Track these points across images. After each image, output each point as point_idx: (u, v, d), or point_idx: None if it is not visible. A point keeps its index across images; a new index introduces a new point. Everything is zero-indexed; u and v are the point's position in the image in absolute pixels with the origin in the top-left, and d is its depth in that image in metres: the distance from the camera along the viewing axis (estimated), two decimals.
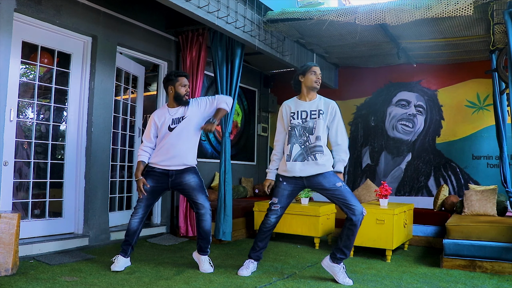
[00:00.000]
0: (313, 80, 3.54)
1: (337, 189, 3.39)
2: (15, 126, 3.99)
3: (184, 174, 3.66)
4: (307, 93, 3.59)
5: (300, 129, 3.53)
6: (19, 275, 3.29)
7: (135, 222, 3.65)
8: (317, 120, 3.50)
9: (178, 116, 3.67)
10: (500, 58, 4.52)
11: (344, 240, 3.41)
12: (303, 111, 3.54)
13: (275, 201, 3.56)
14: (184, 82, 3.69)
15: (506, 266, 3.80)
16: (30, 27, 4.08)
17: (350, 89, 7.12)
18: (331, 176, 3.47)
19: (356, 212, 3.32)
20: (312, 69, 3.56)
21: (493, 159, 5.98)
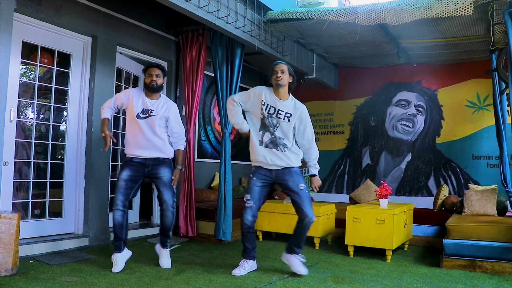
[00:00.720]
0: (274, 78, 3.62)
1: (298, 191, 3.60)
2: (15, 126, 3.99)
3: (160, 167, 3.78)
4: (276, 90, 3.65)
5: (269, 121, 3.62)
6: (19, 275, 3.29)
7: (118, 215, 3.67)
8: (282, 121, 3.61)
9: (149, 108, 3.75)
10: (500, 58, 4.52)
11: (293, 239, 3.66)
12: (272, 107, 3.62)
13: (248, 197, 3.65)
14: (150, 72, 3.77)
15: (506, 266, 3.80)
16: (30, 27, 4.08)
17: (350, 89, 7.12)
18: (297, 176, 3.65)
19: (306, 218, 3.55)
20: (274, 68, 3.65)
21: (493, 159, 5.98)
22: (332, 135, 7.26)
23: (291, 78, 3.67)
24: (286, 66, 3.65)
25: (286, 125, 3.60)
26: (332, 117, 7.29)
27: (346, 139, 7.15)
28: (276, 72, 3.61)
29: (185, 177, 5.11)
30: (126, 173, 3.70)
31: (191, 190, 5.09)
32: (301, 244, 3.67)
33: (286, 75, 3.62)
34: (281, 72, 3.60)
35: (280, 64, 3.65)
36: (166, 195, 3.79)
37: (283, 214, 4.98)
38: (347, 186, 7.05)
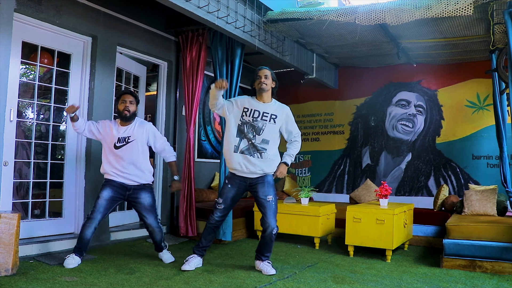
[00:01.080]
0: (257, 83, 3.68)
1: (266, 202, 3.64)
2: (15, 126, 3.99)
3: (140, 191, 3.86)
4: (259, 95, 3.71)
5: (249, 126, 3.63)
6: (19, 275, 3.29)
7: (89, 231, 3.71)
8: (267, 123, 3.64)
9: (124, 136, 3.82)
10: (500, 58, 4.52)
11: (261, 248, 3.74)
12: (256, 111, 3.65)
13: (220, 201, 3.71)
14: (124, 99, 3.83)
15: (506, 266, 3.80)
16: (30, 27, 4.08)
17: (350, 89, 7.12)
18: (268, 187, 3.67)
19: (268, 229, 3.63)
20: (257, 73, 3.71)
21: (493, 159, 5.98)
22: (332, 135, 7.26)
23: (274, 83, 3.75)
24: (270, 72, 3.72)
25: (272, 127, 3.65)
26: (332, 117, 7.29)
27: (346, 139, 7.15)
28: (259, 77, 3.68)
29: (185, 177, 5.11)
30: (108, 193, 3.76)
31: (191, 190, 5.09)
32: (268, 251, 3.75)
33: (269, 80, 3.69)
34: (265, 77, 3.67)
35: (263, 70, 3.71)
36: (150, 219, 3.89)
37: (283, 214, 4.97)
38: (347, 186, 7.05)
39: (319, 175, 7.28)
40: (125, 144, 3.78)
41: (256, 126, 3.62)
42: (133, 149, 3.79)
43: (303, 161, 7.47)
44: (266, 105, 3.69)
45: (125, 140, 3.79)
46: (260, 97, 3.71)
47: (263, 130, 3.62)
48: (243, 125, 3.64)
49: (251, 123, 3.63)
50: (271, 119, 3.66)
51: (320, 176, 7.28)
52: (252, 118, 3.63)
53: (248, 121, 3.63)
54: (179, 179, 4.01)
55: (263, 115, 3.65)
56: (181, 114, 5.70)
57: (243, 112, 3.66)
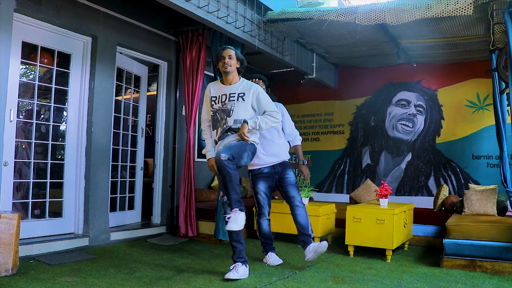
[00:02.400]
0: (221, 65, 3.50)
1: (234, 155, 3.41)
2: (15, 126, 3.99)
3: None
4: (225, 78, 3.57)
5: (220, 112, 3.53)
6: (19, 275, 3.29)
7: (267, 224, 4.02)
8: (236, 103, 3.48)
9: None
10: (500, 57, 4.52)
11: None
12: (223, 95, 3.54)
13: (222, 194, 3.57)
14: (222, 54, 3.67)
15: (506, 266, 3.79)
16: (30, 27, 4.08)
17: (350, 89, 7.13)
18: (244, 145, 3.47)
19: (218, 155, 3.36)
20: (221, 53, 3.52)
21: (493, 159, 5.98)
22: (332, 135, 7.26)
23: (239, 63, 3.56)
24: (234, 51, 3.52)
25: (242, 105, 3.47)
26: (332, 117, 7.29)
27: (346, 139, 7.15)
28: (223, 57, 3.48)
29: (185, 177, 5.11)
30: (263, 185, 3.92)
31: (191, 190, 5.09)
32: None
33: (234, 60, 3.50)
34: (229, 57, 3.48)
35: (227, 49, 3.51)
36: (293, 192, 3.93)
37: (283, 214, 4.97)
38: (347, 186, 7.05)
39: (319, 175, 7.28)
40: None
41: (226, 109, 3.49)
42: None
43: None
44: (231, 87, 3.54)
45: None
46: (225, 79, 3.56)
47: (232, 111, 3.47)
48: (214, 115, 3.55)
49: (222, 108, 3.51)
50: (239, 98, 3.48)
51: (320, 176, 7.28)
52: (221, 104, 3.52)
53: (218, 108, 3.53)
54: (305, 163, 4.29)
55: (230, 97, 3.50)
56: (181, 114, 5.70)
57: (212, 102, 3.57)
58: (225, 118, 3.49)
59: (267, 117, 3.49)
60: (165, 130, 5.58)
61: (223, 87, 3.57)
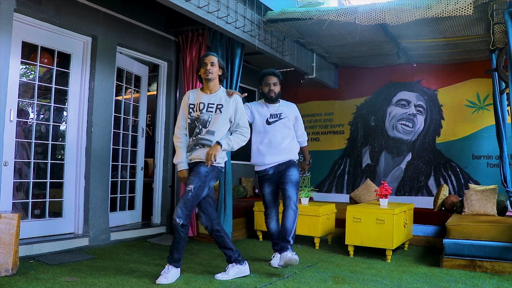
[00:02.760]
0: (203, 72, 3.43)
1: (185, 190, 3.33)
2: (15, 126, 3.99)
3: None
4: (206, 85, 3.49)
5: (196, 122, 3.44)
6: (19, 275, 3.29)
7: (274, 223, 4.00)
8: (213, 114, 3.41)
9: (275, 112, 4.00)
10: (500, 57, 4.52)
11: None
12: (201, 103, 3.44)
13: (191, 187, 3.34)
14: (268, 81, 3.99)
15: (506, 266, 3.79)
16: (30, 27, 4.08)
17: (350, 89, 7.13)
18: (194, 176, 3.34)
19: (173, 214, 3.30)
20: (203, 60, 3.45)
21: (493, 159, 5.98)
22: (332, 135, 7.26)
23: (221, 71, 3.51)
24: (216, 58, 3.46)
25: (219, 117, 3.40)
26: (332, 117, 7.29)
27: (346, 139, 7.15)
28: (205, 64, 3.41)
29: None
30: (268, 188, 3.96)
31: None
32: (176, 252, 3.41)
33: (216, 68, 3.44)
34: (211, 64, 3.42)
35: (210, 56, 3.44)
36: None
37: None
38: (347, 186, 7.05)
39: (319, 175, 7.28)
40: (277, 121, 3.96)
41: (202, 119, 3.41)
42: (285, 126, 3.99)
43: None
44: (210, 96, 3.46)
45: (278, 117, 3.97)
46: (206, 87, 3.48)
47: (209, 122, 3.40)
48: (192, 122, 3.45)
49: (199, 117, 3.43)
50: (217, 110, 3.42)
51: (320, 176, 7.28)
52: (199, 113, 3.43)
53: (196, 117, 3.44)
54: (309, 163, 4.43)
55: (208, 107, 3.42)
56: None
57: (190, 109, 3.47)
58: (200, 128, 3.41)
59: (238, 136, 3.44)
60: (165, 130, 5.58)
61: (202, 95, 3.48)
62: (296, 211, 3.77)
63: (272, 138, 3.90)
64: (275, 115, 3.95)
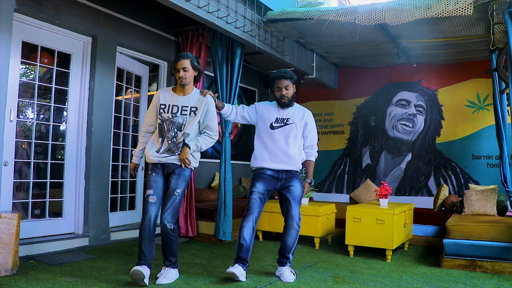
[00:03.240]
0: (178, 77, 3.34)
1: (172, 194, 3.31)
2: (15, 126, 3.99)
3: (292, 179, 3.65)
4: (179, 87, 3.40)
5: (169, 123, 3.34)
6: (19, 275, 3.29)
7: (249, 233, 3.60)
8: (188, 117, 3.34)
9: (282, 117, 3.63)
10: (500, 57, 4.52)
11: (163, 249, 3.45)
12: (175, 106, 3.35)
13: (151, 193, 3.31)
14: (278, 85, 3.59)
15: (506, 266, 3.80)
16: (30, 27, 4.08)
17: (350, 89, 7.13)
18: (180, 180, 3.33)
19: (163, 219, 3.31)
20: (176, 65, 3.35)
21: (493, 159, 5.98)
22: (332, 135, 7.26)
23: (196, 72, 3.41)
24: (189, 62, 3.34)
25: (193, 120, 3.34)
26: (332, 117, 7.29)
27: (346, 139, 7.15)
28: (178, 70, 3.33)
29: None
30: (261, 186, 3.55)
31: (191, 190, 5.09)
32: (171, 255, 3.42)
33: (190, 72, 3.35)
34: (183, 70, 3.31)
35: (181, 61, 3.32)
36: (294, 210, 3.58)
37: None
38: (347, 186, 7.05)
39: (319, 175, 7.28)
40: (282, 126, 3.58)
41: (177, 123, 3.33)
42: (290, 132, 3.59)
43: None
44: (183, 99, 3.37)
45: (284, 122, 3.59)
46: (179, 89, 3.40)
47: (184, 125, 3.33)
48: (163, 123, 3.35)
49: (171, 119, 3.34)
50: (191, 113, 3.35)
51: (320, 176, 7.28)
52: (172, 115, 3.34)
53: (167, 118, 3.34)
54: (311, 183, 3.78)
55: (182, 109, 3.34)
56: None
57: (161, 110, 3.36)
58: (175, 131, 3.33)
59: (206, 138, 3.39)
60: None
61: (175, 96, 3.39)
62: (298, 230, 3.58)
63: (274, 145, 3.54)
64: (281, 120, 3.58)
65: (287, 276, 3.47)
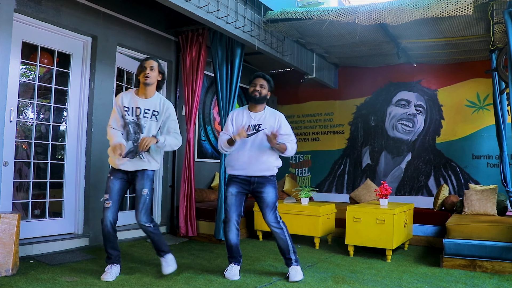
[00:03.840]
0: (142, 76, 3.38)
1: (140, 195, 3.40)
2: (15, 126, 3.99)
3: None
4: (143, 89, 3.43)
5: (134, 126, 3.39)
6: (19, 275, 3.29)
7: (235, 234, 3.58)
8: (149, 121, 3.40)
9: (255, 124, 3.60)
10: (500, 57, 4.52)
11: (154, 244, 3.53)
12: (138, 108, 3.39)
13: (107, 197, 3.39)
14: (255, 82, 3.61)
15: (506, 266, 3.80)
16: (30, 27, 4.08)
17: (350, 89, 7.13)
18: (145, 180, 3.42)
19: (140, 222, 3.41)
20: (143, 64, 3.41)
21: (493, 159, 5.98)
22: (332, 135, 7.26)
23: (161, 76, 3.48)
24: (156, 63, 3.43)
25: (154, 124, 3.41)
26: (332, 117, 7.29)
27: (346, 139, 7.15)
28: (145, 68, 3.37)
29: (185, 177, 5.11)
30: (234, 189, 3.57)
31: (191, 190, 5.09)
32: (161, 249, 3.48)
33: (156, 73, 3.41)
34: (150, 68, 3.37)
35: (150, 60, 3.40)
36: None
37: (283, 214, 4.96)
38: (347, 186, 7.06)
39: (319, 175, 7.29)
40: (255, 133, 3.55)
41: (140, 125, 3.39)
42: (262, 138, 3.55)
43: (303, 161, 7.47)
44: (146, 102, 3.41)
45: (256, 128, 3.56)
46: (142, 91, 3.42)
47: (145, 128, 3.39)
48: (127, 126, 3.40)
49: (136, 122, 3.39)
50: (152, 116, 3.41)
51: (320, 176, 7.28)
52: (135, 117, 3.39)
53: (132, 121, 3.40)
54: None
55: (144, 112, 3.39)
56: (181, 114, 5.70)
57: (125, 112, 3.40)
58: (138, 133, 3.39)
59: (173, 140, 3.44)
60: None
61: (138, 99, 3.41)
62: (283, 229, 3.54)
63: (248, 152, 3.54)
64: (253, 127, 3.57)
65: (292, 275, 3.49)
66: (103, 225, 3.37)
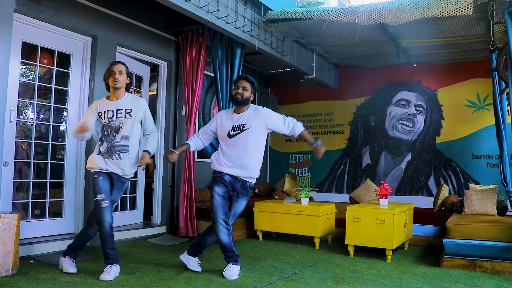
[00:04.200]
0: (111, 80, 3.47)
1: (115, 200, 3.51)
2: (15, 126, 3.99)
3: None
4: (113, 93, 3.53)
5: (107, 128, 3.48)
6: (19, 275, 3.29)
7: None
8: (123, 119, 3.47)
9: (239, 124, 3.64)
10: (500, 57, 4.52)
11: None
12: (110, 111, 3.48)
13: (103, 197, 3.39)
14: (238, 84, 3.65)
15: (506, 266, 3.80)
16: (30, 27, 4.08)
17: (350, 89, 7.13)
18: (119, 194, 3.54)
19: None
20: (111, 69, 3.49)
21: (493, 159, 5.98)
22: (332, 135, 7.26)
23: (129, 79, 3.57)
24: (124, 67, 3.51)
25: (129, 122, 3.47)
26: (332, 117, 7.29)
27: (346, 139, 7.15)
28: (114, 73, 3.46)
29: (185, 177, 5.11)
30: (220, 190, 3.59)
31: (191, 190, 5.09)
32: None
33: (124, 76, 3.50)
34: (119, 73, 3.47)
35: (118, 65, 3.50)
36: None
37: (283, 214, 4.98)
38: (347, 186, 7.06)
39: (319, 175, 7.29)
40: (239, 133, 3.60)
41: (114, 126, 3.47)
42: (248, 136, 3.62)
43: (303, 161, 7.47)
44: (117, 102, 3.50)
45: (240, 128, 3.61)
46: (112, 94, 3.52)
47: (121, 128, 3.46)
48: (103, 129, 3.49)
49: (109, 124, 3.47)
50: (126, 114, 3.48)
51: (320, 176, 7.28)
52: (108, 120, 3.47)
53: (106, 124, 3.48)
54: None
55: (117, 113, 3.48)
56: (181, 114, 5.70)
57: (98, 116, 3.50)
58: (114, 134, 3.46)
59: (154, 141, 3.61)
60: (165, 130, 5.58)
61: (109, 102, 3.52)
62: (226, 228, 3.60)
63: (233, 154, 3.58)
64: (237, 127, 3.61)
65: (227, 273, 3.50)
66: (101, 227, 3.35)
